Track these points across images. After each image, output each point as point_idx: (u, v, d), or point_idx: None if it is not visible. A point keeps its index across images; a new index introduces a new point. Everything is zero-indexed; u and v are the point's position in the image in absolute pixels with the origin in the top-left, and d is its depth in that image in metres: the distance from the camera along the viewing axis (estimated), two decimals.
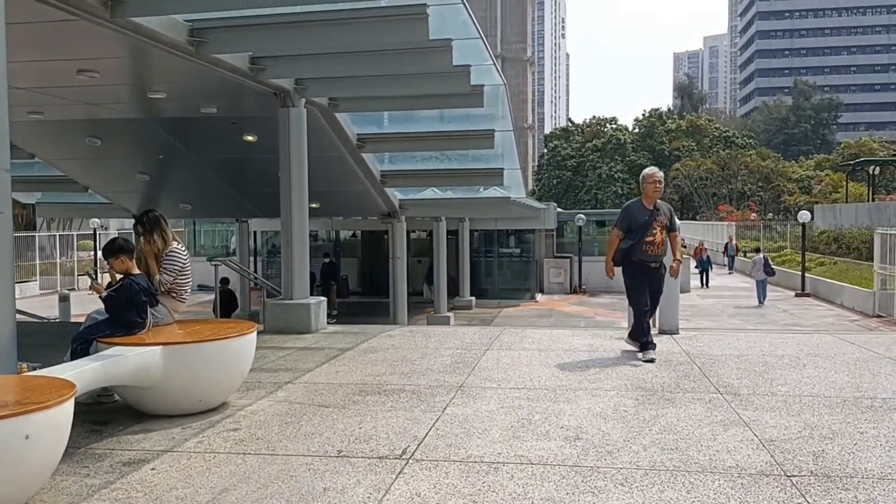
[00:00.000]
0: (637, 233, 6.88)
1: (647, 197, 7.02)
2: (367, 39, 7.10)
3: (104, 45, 6.76)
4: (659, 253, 6.93)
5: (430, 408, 5.27)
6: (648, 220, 6.89)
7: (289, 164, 9.04)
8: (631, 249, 6.88)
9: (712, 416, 4.95)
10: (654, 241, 6.88)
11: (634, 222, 6.92)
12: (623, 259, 6.97)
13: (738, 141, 70.80)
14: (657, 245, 6.90)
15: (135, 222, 5.65)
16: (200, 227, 32.72)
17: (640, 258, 6.90)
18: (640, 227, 6.88)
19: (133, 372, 4.74)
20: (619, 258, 6.99)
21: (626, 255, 6.92)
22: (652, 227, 6.88)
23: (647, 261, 6.91)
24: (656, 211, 6.98)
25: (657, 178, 7.04)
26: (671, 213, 7.19)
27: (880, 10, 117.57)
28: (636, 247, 6.86)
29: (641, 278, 6.99)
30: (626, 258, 6.93)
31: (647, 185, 7.02)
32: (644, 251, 6.87)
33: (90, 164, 13.22)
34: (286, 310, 9.03)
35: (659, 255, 6.95)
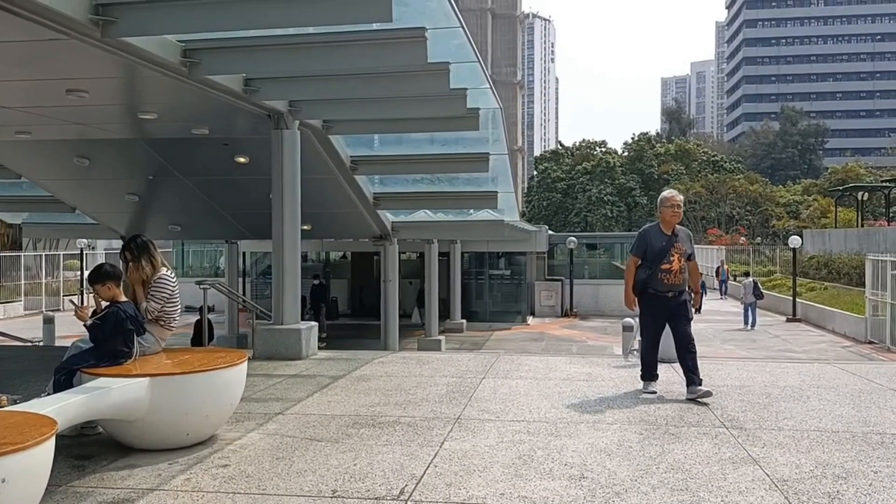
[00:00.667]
0: (653, 260, 6.39)
1: (664, 222, 6.52)
2: (363, 62, 6.98)
3: (94, 64, 6.60)
4: (676, 282, 6.38)
5: (427, 442, 5.08)
6: (665, 247, 6.38)
7: (281, 187, 8.88)
8: (647, 280, 6.40)
9: (720, 453, 4.78)
10: (670, 269, 6.36)
11: (651, 249, 6.41)
12: (640, 289, 6.49)
13: (727, 165, 71.33)
14: (674, 274, 6.37)
15: (122, 248, 5.46)
16: (189, 248, 32.43)
17: (655, 288, 6.39)
18: (657, 255, 6.38)
19: (119, 405, 4.53)
20: (637, 288, 6.51)
21: (644, 285, 6.43)
22: (669, 255, 6.36)
23: (662, 291, 6.39)
24: (674, 237, 6.46)
25: (676, 201, 6.53)
26: (690, 239, 6.68)
27: (865, 38, 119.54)
28: (652, 276, 6.38)
29: (657, 310, 6.47)
30: (643, 288, 6.45)
31: (665, 209, 6.52)
32: (660, 280, 6.35)
33: (78, 184, 13.01)
34: (276, 335, 8.82)
35: (676, 284, 6.39)
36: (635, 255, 6.54)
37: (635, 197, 66.94)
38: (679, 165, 68.56)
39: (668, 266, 6.36)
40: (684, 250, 6.46)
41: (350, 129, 10.50)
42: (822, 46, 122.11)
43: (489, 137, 11.19)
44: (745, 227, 56.52)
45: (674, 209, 6.47)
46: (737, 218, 58.85)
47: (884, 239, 29.74)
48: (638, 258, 6.51)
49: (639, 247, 6.52)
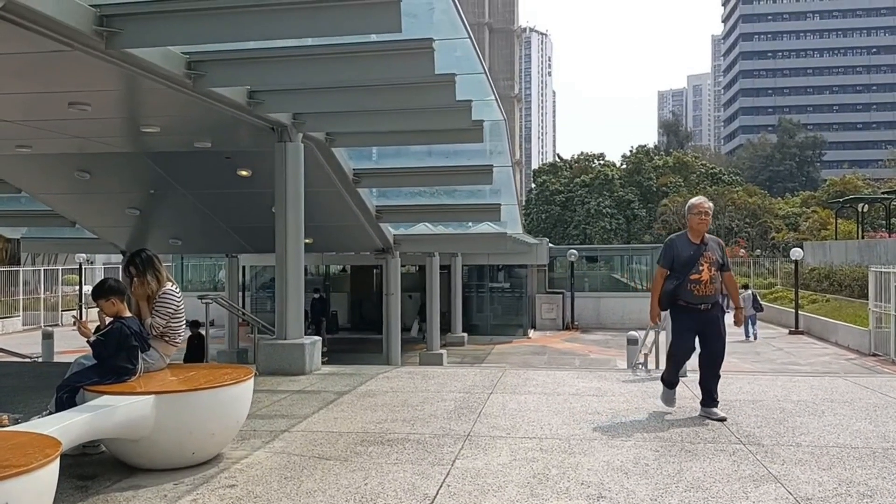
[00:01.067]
0: (681, 271, 6.05)
1: (692, 230, 6.16)
2: (369, 73, 6.91)
3: (97, 77, 6.53)
4: (708, 293, 6.03)
5: (438, 460, 4.96)
6: (694, 256, 6.04)
7: (285, 200, 8.79)
8: (676, 290, 6.05)
9: (739, 471, 4.67)
10: (700, 279, 6.01)
11: (678, 259, 6.08)
12: (669, 302, 6.15)
13: (725, 178, 71.40)
14: (704, 284, 6.01)
15: (126, 263, 5.35)
16: (188, 262, 32.28)
17: (686, 300, 6.05)
18: (685, 265, 6.03)
19: (123, 424, 4.42)
20: (666, 301, 6.16)
21: (672, 296, 6.10)
22: (698, 265, 6.02)
23: (694, 303, 6.04)
24: (703, 245, 6.12)
25: (704, 208, 6.17)
26: (722, 248, 6.30)
27: (861, 51, 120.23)
28: (681, 287, 6.02)
29: (689, 324, 6.11)
30: (672, 300, 6.12)
31: (692, 216, 6.16)
32: (689, 290, 6.01)
33: (78, 198, 12.91)
34: (279, 350, 8.70)
35: (708, 295, 6.03)
36: (663, 265, 6.21)
37: (634, 209, 66.90)
38: (678, 178, 68.57)
39: (697, 276, 6.02)
40: (715, 259, 6.11)
41: (354, 141, 10.43)
42: (818, 59, 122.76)
43: (493, 149, 11.13)
44: (744, 239, 56.47)
45: (701, 216, 6.13)
46: (736, 230, 58.78)
47: (885, 251, 29.68)
48: (665, 269, 6.18)
49: (666, 257, 6.21)
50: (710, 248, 6.16)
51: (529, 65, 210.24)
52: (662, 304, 6.20)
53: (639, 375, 8.52)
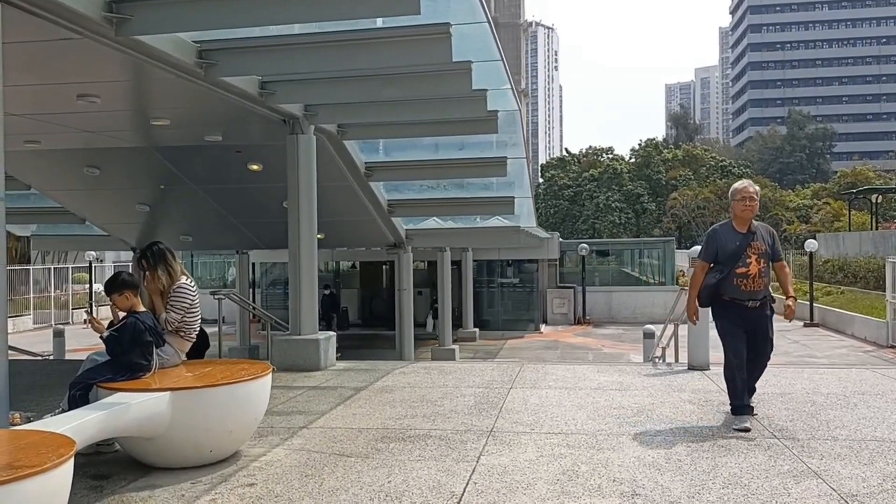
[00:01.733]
0: (726, 264, 5.44)
1: (737, 218, 5.55)
2: (384, 61, 6.73)
3: (107, 66, 6.39)
4: (756, 288, 5.43)
5: (463, 457, 4.80)
6: (740, 247, 5.44)
7: (297, 194, 8.64)
8: (720, 285, 5.45)
9: (777, 466, 4.49)
10: (747, 273, 5.41)
11: (722, 251, 5.48)
12: (712, 298, 5.54)
13: (735, 170, 70.83)
14: (753, 278, 5.42)
15: (138, 257, 5.21)
16: (198, 259, 32.24)
17: (731, 295, 5.44)
18: (730, 257, 5.43)
19: (139, 421, 4.28)
20: (707, 296, 5.55)
21: (715, 292, 5.50)
22: (745, 256, 5.42)
23: (740, 299, 5.44)
24: (751, 235, 5.50)
25: (749, 192, 5.50)
26: (773, 237, 5.66)
27: (870, 41, 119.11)
28: (726, 281, 5.42)
29: (735, 320, 5.48)
30: (715, 296, 5.51)
31: (736, 202, 5.53)
32: (736, 286, 5.42)
33: (88, 194, 12.80)
34: (294, 346, 8.56)
35: (757, 290, 5.43)
36: (704, 260, 5.58)
37: (643, 203, 66.49)
38: (687, 171, 68.10)
39: (744, 270, 5.40)
40: (764, 250, 5.48)
41: (365, 133, 10.26)
42: (827, 50, 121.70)
43: (507, 140, 10.94)
44: None
45: (746, 202, 5.46)
46: None
47: None
48: (707, 264, 5.56)
49: (708, 250, 5.56)
50: (759, 237, 5.54)
51: (536, 59, 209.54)
52: (702, 301, 5.63)
53: (660, 369, 8.33)
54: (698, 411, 6.02)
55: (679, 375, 7.79)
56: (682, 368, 8.24)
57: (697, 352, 8.23)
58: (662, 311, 27.82)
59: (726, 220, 5.72)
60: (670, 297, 28.41)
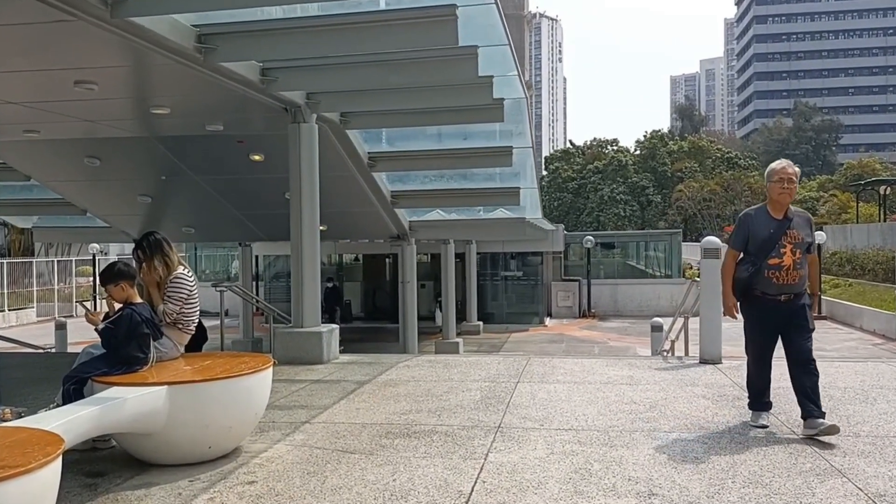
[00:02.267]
0: (758, 254, 4.88)
1: (772, 202, 4.95)
2: (387, 45, 6.53)
3: (103, 51, 6.21)
4: (791, 281, 4.85)
5: (470, 454, 4.63)
6: (774, 235, 4.86)
7: (300, 184, 8.46)
8: (751, 279, 4.89)
9: (798, 464, 4.31)
10: (781, 264, 4.83)
11: (754, 239, 4.91)
12: (742, 292, 5.01)
13: (741, 162, 70.47)
14: (787, 270, 4.82)
15: (134, 247, 5.04)
16: (202, 252, 32.11)
17: (762, 289, 4.90)
18: (763, 246, 4.87)
19: (134, 417, 4.12)
20: (738, 291, 5.03)
21: (745, 286, 4.94)
22: (780, 246, 4.84)
23: (771, 293, 4.89)
24: (787, 221, 4.91)
25: (787, 173, 4.90)
26: (811, 226, 5.06)
27: (877, 32, 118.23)
28: (757, 275, 4.87)
29: (764, 318, 4.98)
30: (745, 290, 4.97)
31: (773, 184, 4.92)
32: (767, 279, 4.86)
33: (88, 185, 12.64)
34: (296, 339, 8.40)
35: (791, 284, 4.85)
36: (734, 248, 5.05)
37: (648, 195, 66.17)
38: (693, 163, 67.73)
39: (777, 261, 4.84)
40: (801, 239, 4.90)
41: (368, 122, 10.07)
42: (833, 42, 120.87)
43: (512, 130, 10.72)
44: None
45: (783, 185, 4.87)
46: None
47: None
48: (737, 252, 5.03)
49: (738, 237, 5.02)
50: (797, 224, 4.94)
51: (540, 51, 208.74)
52: (735, 293, 5.06)
53: (671, 363, 8.16)
54: (713, 406, 5.84)
55: (691, 369, 7.62)
56: (694, 362, 8.06)
57: (710, 345, 8.06)
58: (669, 304, 27.61)
59: (761, 204, 5.09)
60: (676, 289, 28.33)
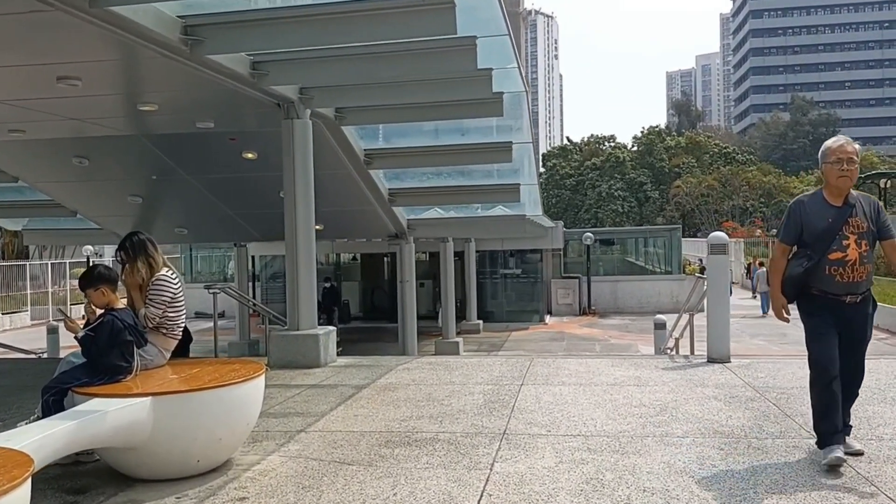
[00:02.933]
0: (816, 246, 4.15)
1: (829, 188, 4.21)
2: (382, 35, 6.27)
3: (85, 45, 5.94)
4: (857, 278, 4.13)
5: (475, 464, 4.38)
6: (834, 225, 4.13)
7: (294, 182, 8.20)
8: (807, 276, 4.16)
9: (822, 471, 4.06)
10: (845, 259, 4.09)
11: (809, 230, 4.19)
12: (797, 291, 4.27)
13: (739, 157, 70.34)
14: (852, 266, 4.09)
15: (117, 248, 4.77)
16: (197, 254, 31.81)
17: (822, 288, 4.16)
18: (820, 238, 4.14)
19: (116, 430, 3.86)
20: (792, 290, 4.27)
21: (801, 284, 4.21)
22: (841, 237, 4.11)
23: (835, 293, 4.14)
24: (848, 209, 4.16)
25: (846, 152, 4.15)
26: (877, 210, 4.27)
27: (873, 25, 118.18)
28: (816, 271, 4.13)
29: (826, 320, 4.19)
30: (802, 289, 4.24)
31: (830, 166, 4.16)
32: (829, 276, 4.11)
33: (78, 186, 12.36)
34: (292, 342, 8.14)
35: (857, 281, 4.14)
36: (785, 242, 4.33)
37: (646, 191, 65.98)
38: (690, 158, 67.57)
39: (840, 255, 4.09)
40: (866, 228, 4.15)
41: (364, 118, 9.80)
42: (829, 35, 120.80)
43: (512, 125, 10.46)
44: (760, 218, 55.59)
45: (843, 166, 4.11)
46: (751, 210, 57.93)
47: None
48: (788, 246, 4.32)
49: (789, 229, 4.29)
50: (860, 211, 4.18)
51: (535, 48, 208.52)
52: (787, 293, 4.32)
53: (678, 362, 7.92)
54: (726, 409, 5.60)
55: (699, 369, 7.38)
56: (701, 361, 7.82)
57: (718, 343, 7.81)
58: (669, 301, 27.40)
59: (816, 189, 4.36)
60: (677, 286, 28.16)
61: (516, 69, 8.67)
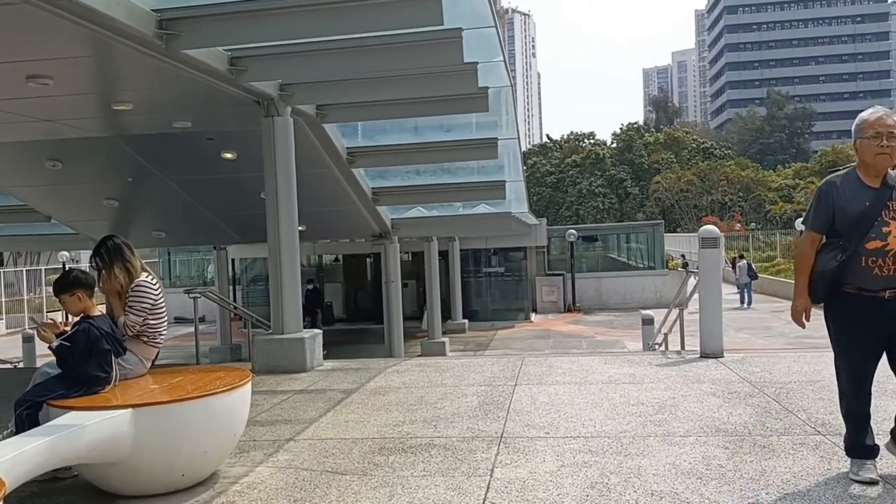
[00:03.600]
0: (851, 235, 3.58)
1: (865, 166, 3.65)
2: (364, 27, 6.06)
3: (55, 41, 5.68)
4: None
5: (473, 470, 4.21)
6: (872, 210, 3.57)
7: (275, 183, 7.98)
8: (841, 270, 3.59)
9: (833, 468, 3.95)
10: (885, 247, 3.54)
11: (843, 215, 3.60)
12: (826, 288, 3.68)
13: (717, 152, 70.82)
14: (894, 256, 3.54)
15: (92, 254, 4.53)
16: (175, 257, 31.34)
17: (859, 284, 3.59)
18: (856, 224, 3.58)
19: (94, 446, 3.63)
20: (823, 288, 3.67)
21: (833, 279, 3.63)
22: (881, 223, 3.55)
23: (872, 289, 3.58)
24: (888, 190, 3.60)
25: (886, 125, 3.57)
26: None
27: (845, 20, 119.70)
28: (851, 263, 3.57)
29: (863, 325, 3.63)
30: (833, 285, 3.65)
31: (866, 141, 3.61)
32: (866, 269, 3.56)
33: (51, 190, 12.01)
34: (277, 346, 7.92)
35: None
36: (815, 229, 3.72)
37: (626, 188, 66.23)
38: (669, 154, 67.92)
39: (879, 244, 3.53)
40: None
41: (346, 115, 9.59)
42: (803, 30, 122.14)
43: (497, 120, 10.30)
44: (739, 213, 55.98)
45: (881, 141, 3.55)
46: (730, 204, 58.31)
47: None
48: (818, 234, 3.72)
49: (819, 214, 3.69)
50: None
51: (513, 47, 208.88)
52: (816, 293, 3.72)
53: (671, 358, 7.80)
54: (725, 405, 5.47)
55: (693, 365, 7.27)
56: (694, 356, 7.71)
57: (711, 338, 7.71)
58: (653, 296, 27.44)
59: (848, 169, 3.78)
60: (660, 281, 28.19)
61: (502, 63, 8.50)
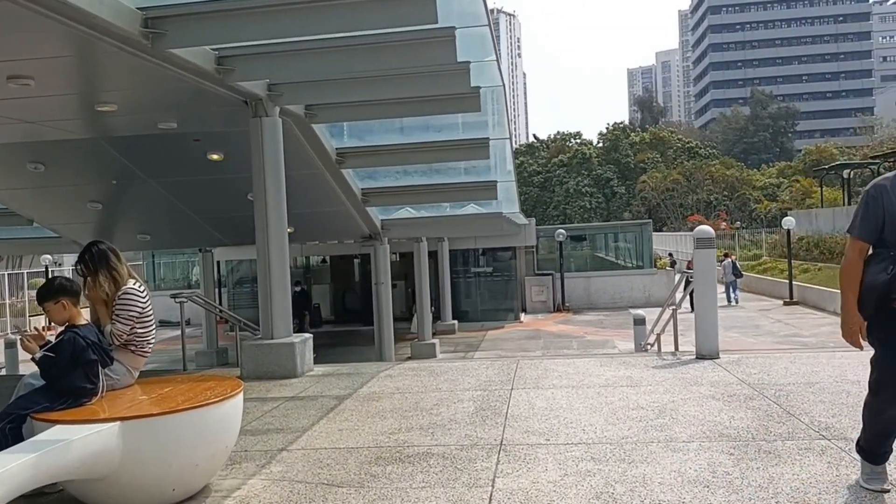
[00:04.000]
0: None
1: None
2: (354, 25, 5.93)
3: (37, 40, 5.51)
4: None
5: (474, 480, 4.09)
6: None
7: (264, 184, 7.82)
8: (892, 283, 3.24)
9: (842, 475, 3.86)
10: None
11: (893, 221, 3.28)
12: (875, 302, 3.34)
13: (702, 151, 71.18)
14: None
15: (76, 260, 4.36)
16: (160, 260, 30.98)
17: None
18: None
19: (81, 461, 3.48)
20: (871, 302, 3.34)
21: (882, 294, 3.29)
22: None
23: None
24: None
25: None
26: None
27: (828, 20, 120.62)
28: None
29: None
30: (882, 299, 3.30)
31: None
32: None
33: (33, 193, 11.76)
34: (266, 351, 7.77)
35: None
36: (863, 237, 3.37)
37: (613, 187, 66.43)
38: (655, 154, 68.18)
39: None
40: None
41: (336, 115, 9.45)
42: (786, 30, 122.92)
43: (489, 120, 10.18)
44: (724, 211, 56.25)
45: None
46: (715, 203, 58.59)
47: None
48: (867, 243, 3.37)
49: (868, 220, 3.34)
50: None
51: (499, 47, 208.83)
52: (864, 309, 3.38)
53: (666, 360, 7.72)
54: (726, 408, 5.39)
55: (689, 366, 7.19)
56: (689, 358, 7.65)
57: (706, 339, 7.68)
58: (642, 295, 27.45)
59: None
60: (649, 280, 28.20)
61: (494, 62, 8.38)
